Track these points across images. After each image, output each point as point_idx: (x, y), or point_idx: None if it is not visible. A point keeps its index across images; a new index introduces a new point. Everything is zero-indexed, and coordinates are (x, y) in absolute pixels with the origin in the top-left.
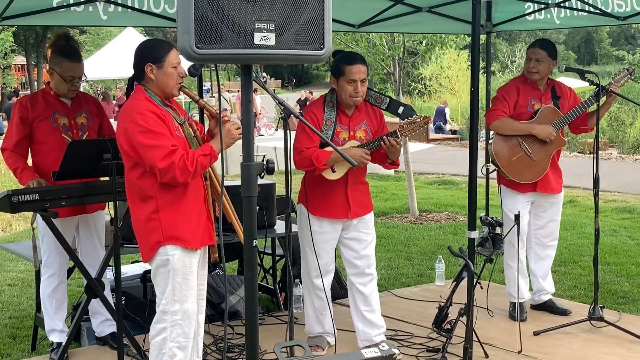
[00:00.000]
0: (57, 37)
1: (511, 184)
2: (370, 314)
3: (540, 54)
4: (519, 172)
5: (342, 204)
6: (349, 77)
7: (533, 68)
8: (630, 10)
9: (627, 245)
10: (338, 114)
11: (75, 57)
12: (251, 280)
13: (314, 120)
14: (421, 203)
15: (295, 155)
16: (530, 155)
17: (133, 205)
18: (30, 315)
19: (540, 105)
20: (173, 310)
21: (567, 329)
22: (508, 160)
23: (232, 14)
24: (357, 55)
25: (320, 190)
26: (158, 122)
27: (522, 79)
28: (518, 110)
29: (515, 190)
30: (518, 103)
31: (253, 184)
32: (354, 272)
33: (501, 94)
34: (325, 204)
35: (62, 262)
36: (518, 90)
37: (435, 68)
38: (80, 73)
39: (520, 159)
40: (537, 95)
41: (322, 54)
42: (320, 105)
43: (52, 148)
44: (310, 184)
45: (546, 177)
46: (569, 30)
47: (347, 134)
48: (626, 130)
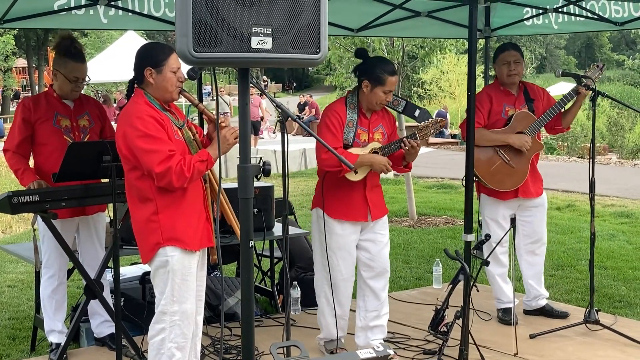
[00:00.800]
0: (62, 38)
1: (492, 192)
2: (376, 320)
3: (516, 55)
4: (500, 181)
5: (362, 206)
6: (387, 88)
7: (513, 70)
8: (628, 16)
9: (624, 250)
10: (359, 116)
11: (79, 58)
12: (247, 280)
13: (338, 121)
14: (420, 207)
15: (323, 154)
16: (509, 162)
17: (133, 206)
18: (30, 316)
19: (514, 111)
20: (172, 310)
21: (562, 332)
22: (487, 170)
23: (229, 18)
24: (394, 65)
25: (340, 193)
26: (157, 127)
27: (494, 85)
28: (492, 118)
29: (496, 198)
30: (492, 110)
31: (250, 186)
32: (369, 275)
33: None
34: (345, 206)
35: (62, 263)
36: (490, 98)
37: (435, 72)
38: (84, 74)
39: (500, 167)
40: (510, 100)
41: (317, 57)
42: (343, 106)
43: (53, 149)
44: (330, 187)
45: (526, 182)
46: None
47: (367, 135)
48: (625, 135)
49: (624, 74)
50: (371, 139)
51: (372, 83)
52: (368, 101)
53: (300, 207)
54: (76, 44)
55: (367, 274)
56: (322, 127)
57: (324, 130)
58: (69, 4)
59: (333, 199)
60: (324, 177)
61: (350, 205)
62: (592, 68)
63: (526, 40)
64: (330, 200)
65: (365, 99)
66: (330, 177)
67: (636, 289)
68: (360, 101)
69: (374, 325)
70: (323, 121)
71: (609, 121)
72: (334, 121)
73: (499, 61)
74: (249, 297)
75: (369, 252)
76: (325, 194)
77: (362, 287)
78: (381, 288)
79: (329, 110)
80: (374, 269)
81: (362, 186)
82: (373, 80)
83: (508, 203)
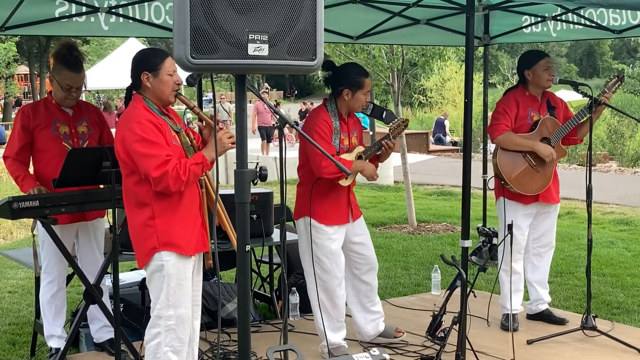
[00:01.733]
0: (61, 46)
1: (515, 196)
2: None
3: (551, 63)
4: (525, 185)
5: (345, 209)
6: (366, 89)
7: (552, 75)
8: (626, 24)
9: (623, 257)
10: (340, 123)
11: (75, 67)
12: (244, 284)
13: (328, 128)
14: (420, 214)
15: (323, 162)
16: (534, 167)
17: (129, 211)
18: (30, 321)
19: (539, 117)
20: (167, 315)
21: (560, 338)
22: (514, 173)
23: (226, 25)
24: (363, 67)
25: (327, 198)
26: (155, 132)
27: (520, 91)
28: (518, 123)
29: (518, 202)
30: (518, 115)
31: (246, 191)
32: (361, 272)
33: (502, 107)
34: (333, 211)
35: (61, 268)
36: (517, 103)
37: (437, 80)
38: (79, 83)
39: (525, 171)
40: (535, 106)
41: (314, 64)
42: (327, 114)
43: (52, 156)
44: (317, 194)
45: (548, 187)
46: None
47: (347, 140)
48: (626, 142)
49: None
50: (351, 144)
51: (352, 89)
52: (350, 107)
53: None
54: (74, 52)
55: (359, 271)
56: (314, 135)
57: (316, 139)
58: (70, 11)
59: (320, 205)
60: (313, 185)
61: (337, 209)
62: (612, 78)
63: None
64: (317, 206)
65: (347, 106)
66: (319, 184)
67: (634, 295)
68: (340, 108)
69: (375, 310)
70: (314, 130)
71: (610, 129)
72: (324, 129)
73: (539, 67)
74: (245, 301)
75: (357, 252)
76: (317, 201)
77: (355, 284)
78: (373, 279)
79: (317, 118)
80: (365, 265)
81: (346, 189)
82: (353, 86)
83: (528, 208)
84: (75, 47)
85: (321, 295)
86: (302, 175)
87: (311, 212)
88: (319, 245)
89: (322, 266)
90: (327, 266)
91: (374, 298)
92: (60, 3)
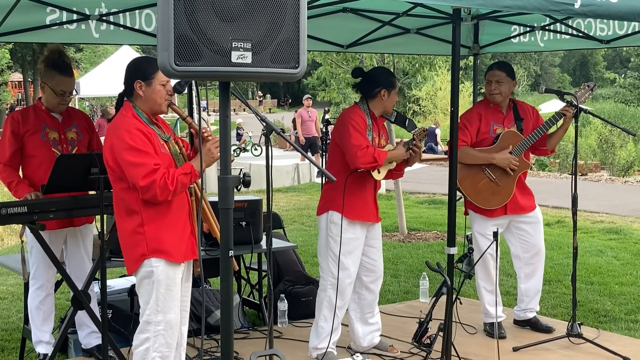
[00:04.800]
0: (50, 51)
1: (479, 210)
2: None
3: (499, 75)
4: (485, 199)
5: (373, 207)
6: (397, 89)
7: (495, 90)
8: (613, 34)
9: (612, 266)
10: (372, 122)
11: (67, 72)
12: (226, 289)
13: (363, 122)
14: (411, 222)
15: (358, 152)
16: (494, 180)
17: (119, 218)
18: (19, 328)
19: (502, 129)
20: (156, 320)
21: (545, 345)
22: (473, 188)
23: (210, 33)
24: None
25: (356, 194)
26: (144, 140)
27: (485, 103)
28: (480, 137)
29: (484, 216)
30: (480, 130)
31: (230, 196)
32: (370, 280)
33: (463, 122)
34: (361, 207)
35: (50, 274)
36: (480, 116)
37: (429, 89)
38: (71, 88)
39: (485, 185)
40: (499, 119)
41: (297, 72)
42: (361, 111)
43: (41, 162)
44: (348, 190)
45: (514, 198)
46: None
47: (378, 140)
48: (616, 152)
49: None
50: (380, 145)
51: (389, 89)
52: (386, 107)
53: (292, 222)
54: (64, 58)
55: (368, 279)
56: (349, 128)
57: (351, 131)
58: (60, 18)
59: (349, 200)
60: (347, 179)
61: (365, 205)
62: (583, 88)
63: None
64: (346, 202)
65: (382, 106)
66: (353, 178)
67: (621, 304)
68: (373, 109)
69: (374, 322)
70: (349, 123)
71: (600, 138)
72: (359, 122)
73: (485, 79)
74: (228, 306)
75: (371, 257)
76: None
77: (360, 292)
78: (378, 288)
79: (352, 113)
80: (374, 273)
81: (372, 187)
82: (388, 86)
83: (497, 220)
84: (64, 52)
85: (330, 293)
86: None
87: (342, 207)
88: (342, 242)
89: (340, 264)
90: (344, 263)
91: (374, 308)
92: (51, 10)
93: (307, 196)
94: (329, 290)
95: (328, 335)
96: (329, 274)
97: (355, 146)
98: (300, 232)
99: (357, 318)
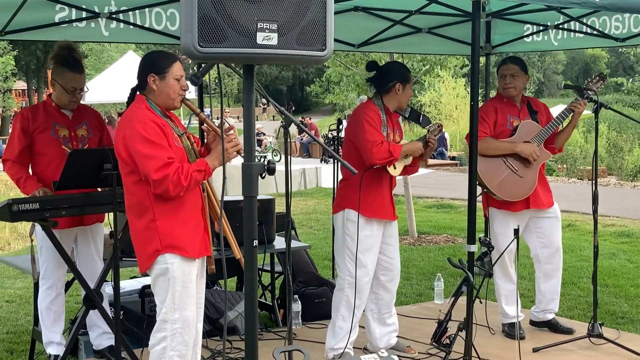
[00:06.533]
0: (60, 47)
1: (502, 205)
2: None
3: (513, 69)
4: (509, 191)
5: (389, 204)
6: (411, 83)
7: (509, 84)
8: (627, 32)
9: (625, 268)
10: (386, 118)
11: (77, 69)
12: (251, 280)
13: (378, 117)
14: (420, 225)
15: (374, 147)
16: (516, 172)
17: (130, 214)
18: (28, 330)
19: (519, 122)
20: (173, 318)
21: (566, 346)
22: (495, 180)
23: (235, 13)
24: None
25: (372, 191)
26: (158, 133)
27: (498, 98)
28: (497, 130)
29: (507, 210)
30: (497, 122)
31: (254, 184)
32: (387, 279)
33: (480, 115)
34: (377, 204)
35: (60, 274)
36: (495, 110)
37: (433, 95)
38: (82, 84)
39: (508, 178)
40: (514, 112)
41: (323, 54)
42: (375, 106)
43: (51, 159)
44: (364, 188)
45: (536, 192)
46: (567, 61)
47: (392, 136)
48: (625, 157)
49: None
50: (394, 140)
51: (403, 83)
52: (401, 101)
53: (300, 226)
54: (74, 54)
55: (385, 277)
56: (364, 123)
57: (366, 126)
58: (70, 16)
59: (365, 198)
60: (362, 176)
61: (381, 202)
62: (594, 79)
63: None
64: (362, 199)
65: (397, 100)
66: (369, 175)
67: (638, 305)
68: (387, 104)
69: (391, 322)
70: (363, 118)
71: (608, 143)
72: (374, 117)
73: (498, 74)
74: (253, 300)
75: (388, 255)
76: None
77: (378, 292)
78: (395, 287)
79: (366, 109)
80: (391, 272)
81: (389, 184)
82: (403, 80)
83: (519, 215)
84: (74, 48)
85: (347, 292)
86: (346, 172)
87: (359, 205)
88: (359, 240)
89: (357, 261)
90: (361, 261)
91: (391, 308)
92: (61, 8)
93: (314, 200)
94: (346, 290)
95: (346, 335)
96: (346, 273)
97: (371, 142)
98: (309, 236)
99: (375, 318)
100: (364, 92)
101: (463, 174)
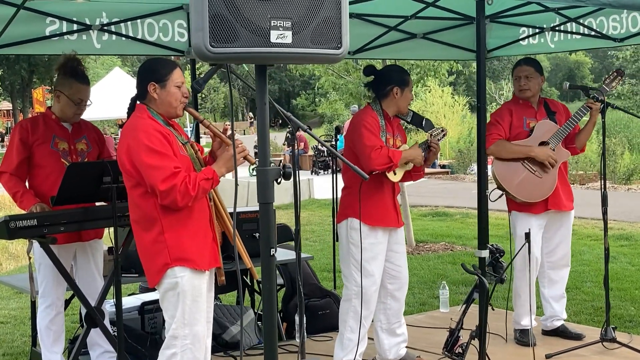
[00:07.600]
0: (67, 59)
1: (523, 207)
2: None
3: (528, 70)
4: (529, 193)
5: (393, 212)
6: (411, 86)
7: (524, 85)
8: (626, 32)
9: (628, 271)
10: (385, 123)
11: (84, 80)
12: (269, 290)
13: (376, 123)
14: (417, 234)
15: (372, 152)
16: (535, 172)
17: (137, 227)
18: (25, 351)
19: (535, 123)
20: (183, 334)
21: (579, 351)
22: (515, 182)
23: (246, 11)
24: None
25: (374, 199)
26: (162, 142)
27: (514, 100)
28: (514, 132)
29: (528, 213)
30: (513, 124)
31: (270, 190)
32: (395, 287)
33: (494, 118)
34: (380, 212)
35: (59, 292)
36: (511, 112)
37: (421, 104)
38: (88, 96)
39: (527, 179)
40: (531, 113)
41: (339, 53)
42: (374, 112)
43: (50, 172)
44: (366, 195)
45: (557, 193)
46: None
47: (392, 141)
48: (617, 160)
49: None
50: (395, 145)
51: (401, 87)
52: (399, 106)
53: (303, 238)
54: (81, 65)
55: (393, 286)
56: (362, 129)
57: (365, 132)
58: (60, 29)
59: (367, 206)
60: (361, 185)
61: (385, 210)
62: (610, 76)
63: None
64: (364, 208)
65: (396, 105)
66: (365, 186)
67: None
68: (386, 109)
69: (400, 333)
70: (361, 124)
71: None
72: (372, 123)
73: (513, 76)
74: (272, 310)
75: (395, 263)
76: (362, 200)
77: (386, 302)
78: (403, 297)
79: (364, 115)
80: (399, 280)
81: (391, 191)
82: (401, 83)
83: (540, 217)
84: (80, 60)
85: (354, 302)
86: (347, 179)
87: (360, 213)
88: (363, 248)
89: (363, 270)
90: (367, 270)
91: (400, 318)
92: (51, 21)
93: (308, 212)
94: (353, 300)
95: (355, 346)
96: (352, 282)
97: (369, 147)
98: (306, 247)
99: (383, 329)
100: (356, 101)
101: (455, 182)
